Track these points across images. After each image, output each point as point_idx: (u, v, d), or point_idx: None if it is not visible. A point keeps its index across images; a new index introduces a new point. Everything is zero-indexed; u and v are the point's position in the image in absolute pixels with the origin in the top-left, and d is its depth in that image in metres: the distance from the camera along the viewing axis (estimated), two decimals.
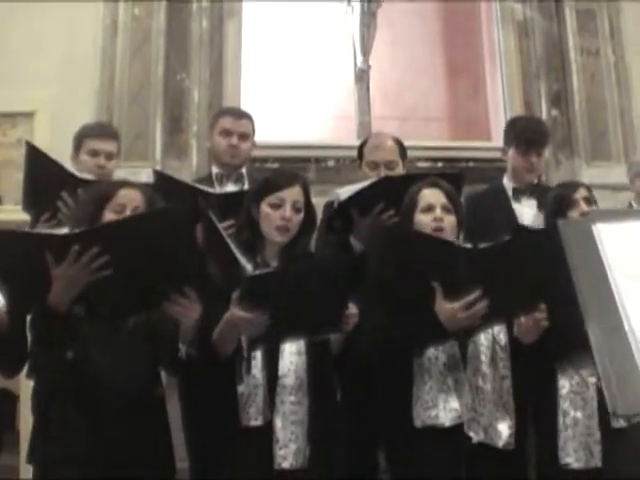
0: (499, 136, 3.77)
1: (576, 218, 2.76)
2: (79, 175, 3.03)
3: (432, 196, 2.61)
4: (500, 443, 2.44)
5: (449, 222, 2.58)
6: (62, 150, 3.39)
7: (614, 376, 1.46)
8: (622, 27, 5.16)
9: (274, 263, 2.52)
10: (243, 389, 2.34)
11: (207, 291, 2.27)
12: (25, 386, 2.87)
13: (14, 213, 3.59)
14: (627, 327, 1.52)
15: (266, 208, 2.53)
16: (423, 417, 2.42)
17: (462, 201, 2.98)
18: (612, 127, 5.00)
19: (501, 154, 3.57)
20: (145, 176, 3.43)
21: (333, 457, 2.42)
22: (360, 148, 3.44)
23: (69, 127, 3.47)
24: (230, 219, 2.74)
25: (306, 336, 2.39)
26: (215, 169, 3.48)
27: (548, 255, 2.19)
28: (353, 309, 2.33)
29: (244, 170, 3.44)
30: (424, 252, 2.38)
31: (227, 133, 3.43)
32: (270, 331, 2.25)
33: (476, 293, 2.33)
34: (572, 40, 5.10)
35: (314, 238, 3.06)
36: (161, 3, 4.80)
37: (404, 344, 2.43)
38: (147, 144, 4.61)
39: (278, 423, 2.32)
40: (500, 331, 2.55)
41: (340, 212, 2.95)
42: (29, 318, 2.24)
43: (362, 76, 5.27)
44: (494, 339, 2.53)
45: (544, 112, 5.04)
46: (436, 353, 2.47)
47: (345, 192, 2.93)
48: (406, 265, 2.39)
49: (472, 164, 4.81)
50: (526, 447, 2.78)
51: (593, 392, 2.53)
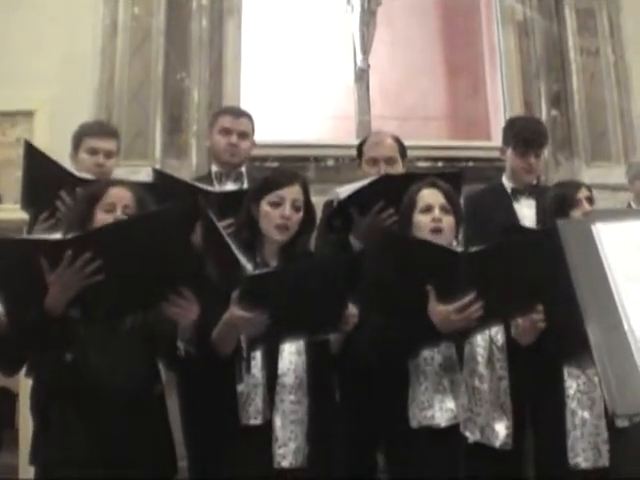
0: (499, 136, 3.77)
1: (576, 218, 2.76)
2: (78, 174, 3.03)
3: (431, 196, 2.61)
4: (497, 443, 2.43)
5: (448, 222, 2.57)
6: (62, 149, 3.39)
7: (613, 376, 1.46)
8: (622, 26, 5.16)
9: (274, 262, 2.51)
10: (242, 388, 2.34)
11: (204, 290, 2.27)
12: (24, 385, 2.87)
13: (13, 212, 3.59)
14: (626, 327, 1.52)
15: (266, 207, 2.53)
16: (419, 417, 2.42)
17: (461, 200, 2.98)
18: (612, 127, 4.99)
19: (500, 154, 3.57)
20: (144, 175, 3.43)
21: (332, 456, 2.42)
22: (359, 146, 3.43)
23: (69, 126, 3.46)
24: (229, 218, 2.73)
25: (306, 336, 2.39)
26: (214, 168, 3.47)
27: (543, 255, 2.20)
28: (353, 309, 2.33)
29: (243, 169, 3.44)
30: (417, 255, 2.38)
31: (226, 132, 3.42)
32: (270, 331, 2.24)
33: (470, 296, 2.32)
34: (572, 40, 5.10)
35: (314, 237, 3.07)
36: (161, 2, 4.80)
37: (399, 345, 2.43)
38: (147, 143, 4.61)
39: (277, 422, 2.32)
40: (497, 332, 2.54)
41: (340, 211, 2.95)
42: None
43: (362, 75, 5.27)
44: (491, 340, 2.53)
45: (544, 112, 5.04)
46: (432, 354, 2.47)
47: (345, 191, 2.92)
48: (400, 267, 2.39)
49: (472, 164, 4.82)
50: (524, 448, 2.79)
51: (600, 391, 2.51)
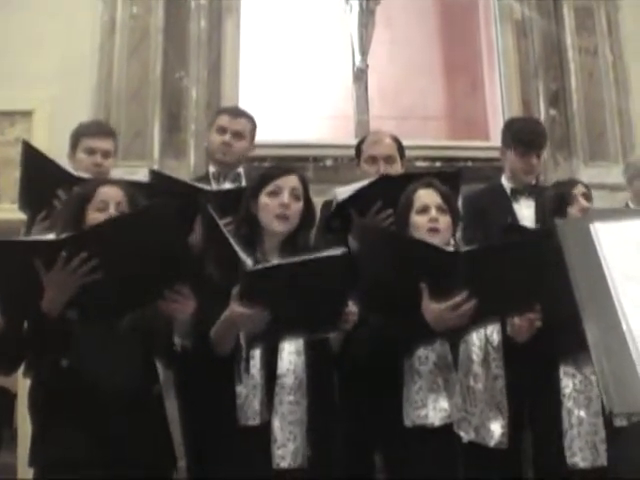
0: (497, 135, 3.77)
1: (575, 216, 2.77)
2: (75, 174, 3.02)
3: (427, 197, 2.61)
4: (492, 442, 2.41)
5: (444, 222, 2.57)
6: (60, 149, 3.40)
7: (611, 375, 1.46)
8: (620, 25, 5.17)
9: (274, 258, 2.49)
10: (241, 389, 2.33)
11: (201, 286, 2.27)
12: (23, 384, 2.87)
13: (11, 212, 3.59)
14: (624, 326, 1.53)
15: (264, 198, 2.52)
16: (413, 417, 2.41)
17: (460, 200, 2.98)
18: (610, 127, 5.00)
19: (499, 155, 3.58)
20: (142, 175, 3.43)
21: (331, 457, 2.41)
22: (358, 145, 3.43)
23: (67, 126, 3.47)
24: (228, 216, 2.73)
25: (306, 334, 2.37)
26: (212, 168, 3.47)
27: (540, 255, 2.21)
28: (353, 307, 2.31)
29: (241, 169, 3.44)
30: (412, 254, 2.37)
31: (222, 130, 3.43)
32: (269, 328, 2.23)
33: (462, 295, 2.30)
34: (570, 39, 5.10)
35: (312, 237, 3.07)
36: (159, 1, 4.81)
37: (393, 343, 2.42)
38: (145, 143, 4.61)
39: (276, 423, 2.31)
40: (493, 331, 2.53)
41: (339, 212, 2.94)
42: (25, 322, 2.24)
43: (360, 75, 5.28)
44: (487, 339, 2.51)
45: (542, 111, 5.04)
46: (426, 353, 2.45)
47: (344, 192, 2.91)
48: (395, 265, 2.38)
49: (470, 163, 4.82)
50: (522, 447, 2.79)
51: (597, 390, 2.50)
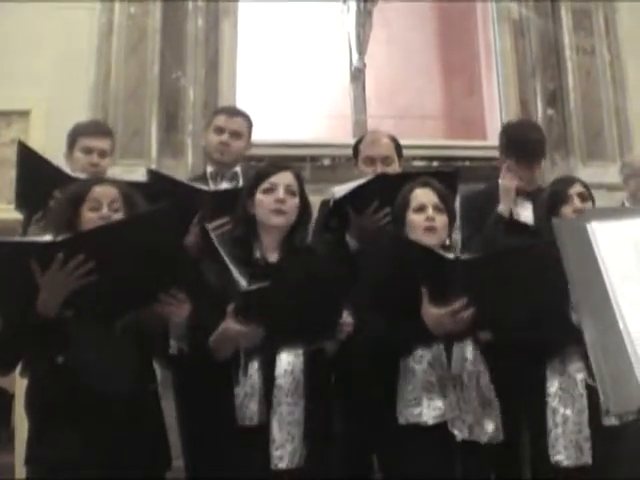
0: (495, 135, 3.77)
1: (569, 215, 2.76)
2: (72, 174, 3.02)
3: (424, 196, 2.62)
4: (485, 438, 2.42)
5: (441, 221, 2.59)
6: (57, 149, 3.38)
7: (608, 374, 1.47)
8: (617, 26, 5.17)
9: (274, 256, 2.53)
10: (240, 390, 2.34)
11: (197, 290, 2.27)
12: (20, 384, 2.86)
13: (8, 212, 3.58)
14: (621, 325, 1.53)
15: (260, 196, 2.55)
16: (407, 415, 2.41)
17: (457, 199, 2.98)
18: (607, 126, 5.00)
19: (497, 163, 3.54)
20: (140, 175, 3.42)
21: (329, 457, 2.42)
22: (356, 145, 3.43)
23: (64, 126, 3.45)
24: (225, 216, 2.74)
25: (301, 345, 2.39)
26: (209, 168, 3.47)
27: (539, 265, 2.22)
28: (348, 318, 2.35)
29: (239, 169, 3.44)
30: (414, 259, 2.39)
31: (219, 130, 3.43)
32: (266, 342, 2.27)
33: (461, 301, 2.33)
34: (568, 39, 5.11)
35: (310, 237, 3.07)
36: (157, 2, 4.80)
37: (392, 344, 2.44)
38: (143, 142, 4.61)
39: (274, 424, 2.31)
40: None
41: (336, 210, 2.95)
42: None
43: (358, 75, 5.28)
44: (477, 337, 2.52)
45: (539, 111, 5.04)
46: (421, 352, 2.46)
47: (341, 190, 2.92)
48: (397, 268, 2.40)
49: (468, 163, 4.82)
50: (520, 446, 2.79)
51: (582, 389, 2.52)
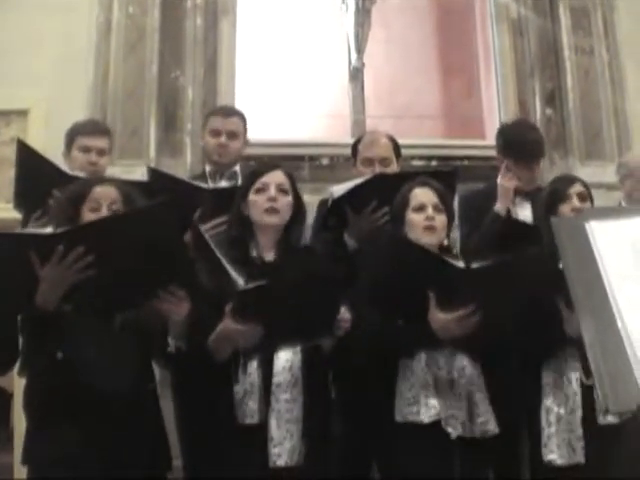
0: (493, 134, 3.76)
1: (567, 214, 2.75)
2: (70, 173, 3.03)
3: (424, 195, 2.63)
4: (477, 432, 2.42)
5: (440, 221, 2.60)
6: (56, 148, 3.39)
7: (606, 373, 1.47)
8: (616, 25, 5.17)
9: (270, 256, 2.54)
10: (239, 387, 2.34)
11: (197, 288, 2.27)
12: (19, 384, 2.86)
13: (6, 211, 3.58)
14: (620, 324, 1.53)
15: (253, 196, 2.57)
16: (404, 413, 2.42)
17: (456, 200, 2.98)
18: (606, 126, 5.01)
19: (496, 162, 3.54)
20: (139, 174, 3.43)
21: (328, 455, 2.42)
22: (354, 145, 3.43)
23: (63, 125, 3.46)
24: (224, 214, 2.74)
25: (300, 343, 2.39)
26: (208, 167, 3.48)
27: (543, 274, 2.24)
28: (345, 314, 2.35)
29: (237, 168, 3.44)
30: (419, 263, 2.40)
31: (216, 132, 3.43)
32: (264, 341, 2.28)
33: (468, 309, 2.35)
34: (566, 38, 5.11)
35: (309, 236, 3.07)
36: (155, 1, 4.79)
37: (396, 346, 2.45)
38: (141, 142, 4.61)
39: (273, 421, 2.31)
40: None
41: (334, 209, 2.95)
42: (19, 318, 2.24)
43: (356, 74, 5.28)
44: None
45: (538, 111, 5.05)
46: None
47: (339, 189, 2.92)
48: (396, 268, 2.41)
49: (466, 162, 4.82)
50: (519, 446, 2.79)
51: (576, 387, 2.52)
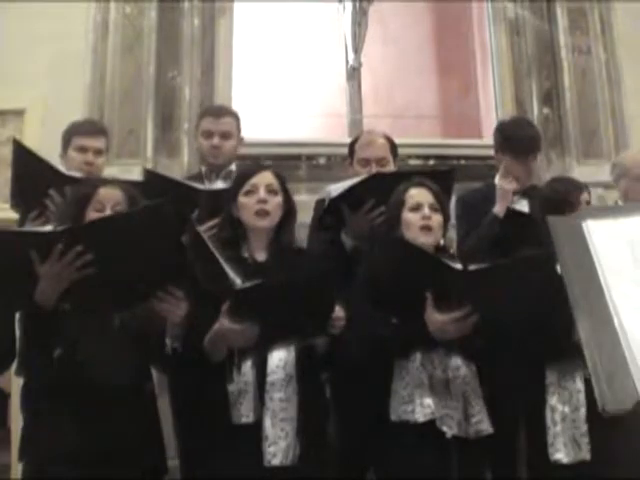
0: (490, 134, 3.77)
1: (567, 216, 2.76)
2: (67, 173, 3.03)
3: (420, 195, 2.63)
4: (472, 432, 2.42)
5: (437, 221, 2.60)
6: (53, 148, 3.39)
7: (603, 372, 1.47)
8: (613, 25, 5.17)
9: (262, 257, 2.53)
10: (233, 387, 2.33)
11: (194, 289, 2.27)
12: (17, 384, 2.87)
13: (3, 211, 3.58)
14: (617, 323, 1.53)
15: (242, 199, 2.56)
16: (399, 412, 2.42)
17: (454, 199, 2.98)
18: (603, 125, 5.01)
19: (494, 159, 3.56)
20: (137, 174, 3.43)
21: (323, 454, 2.42)
22: (351, 145, 3.43)
23: (60, 125, 3.46)
24: (220, 216, 2.74)
25: (294, 341, 2.39)
26: (204, 167, 3.49)
27: (541, 277, 2.24)
28: (340, 312, 2.34)
29: (233, 167, 3.44)
30: (418, 264, 2.40)
31: (208, 134, 3.43)
32: (259, 340, 2.27)
33: (465, 310, 2.35)
34: (563, 38, 5.11)
35: (304, 235, 3.07)
36: (152, 1, 4.79)
37: (393, 346, 2.45)
38: (138, 142, 4.60)
39: (267, 420, 2.30)
40: None
41: (331, 209, 2.95)
42: (17, 316, 2.24)
43: (353, 74, 5.28)
44: None
45: (535, 110, 5.05)
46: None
47: (336, 189, 2.93)
48: (395, 269, 2.42)
49: (463, 162, 4.83)
50: (516, 445, 2.79)
51: (580, 385, 2.53)
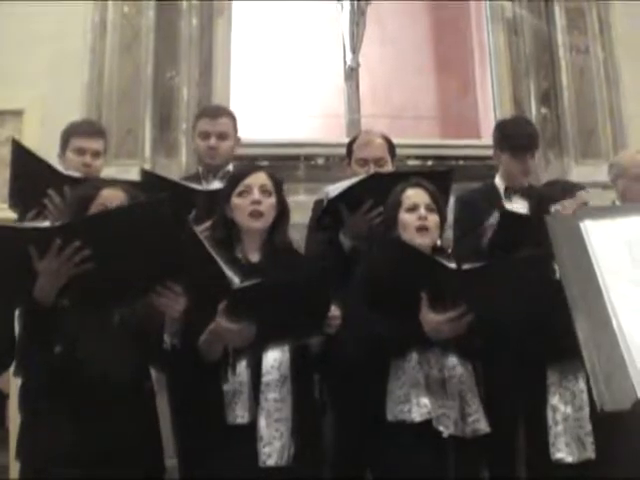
0: (489, 134, 3.77)
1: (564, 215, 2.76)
2: (65, 172, 3.02)
3: (416, 196, 2.64)
4: (468, 432, 2.43)
5: (433, 221, 2.61)
6: (51, 148, 3.38)
7: (601, 372, 1.47)
8: (611, 25, 5.17)
9: (256, 258, 2.53)
10: (228, 387, 2.33)
11: (193, 285, 2.27)
12: (15, 385, 2.86)
13: (1, 211, 3.57)
14: (615, 323, 1.53)
15: (236, 200, 2.56)
16: (395, 411, 2.42)
17: (453, 199, 2.98)
18: (601, 125, 5.01)
19: (493, 157, 3.57)
20: (135, 174, 3.42)
21: (319, 454, 2.42)
22: (349, 145, 3.44)
23: (58, 125, 3.45)
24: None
25: (290, 341, 2.39)
26: (201, 168, 3.49)
27: (536, 276, 2.24)
28: (336, 312, 2.34)
29: (230, 167, 3.43)
30: (412, 263, 2.41)
31: (205, 135, 3.43)
32: (255, 340, 2.27)
33: (460, 309, 2.36)
34: (561, 38, 5.11)
35: (305, 236, 3.07)
36: (150, 1, 4.79)
37: (388, 345, 2.45)
38: (137, 142, 4.60)
39: (262, 421, 2.30)
40: None
41: (329, 209, 2.95)
42: (16, 313, 2.24)
43: (351, 74, 5.27)
44: None
45: (533, 110, 5.05)
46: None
47: (334, 189, 2.92)
48: (393, 269, 2.43)
49: (462, 162, 4.82)
50: (515, 445, 2.79)
51: (582, 385, 2.53)
